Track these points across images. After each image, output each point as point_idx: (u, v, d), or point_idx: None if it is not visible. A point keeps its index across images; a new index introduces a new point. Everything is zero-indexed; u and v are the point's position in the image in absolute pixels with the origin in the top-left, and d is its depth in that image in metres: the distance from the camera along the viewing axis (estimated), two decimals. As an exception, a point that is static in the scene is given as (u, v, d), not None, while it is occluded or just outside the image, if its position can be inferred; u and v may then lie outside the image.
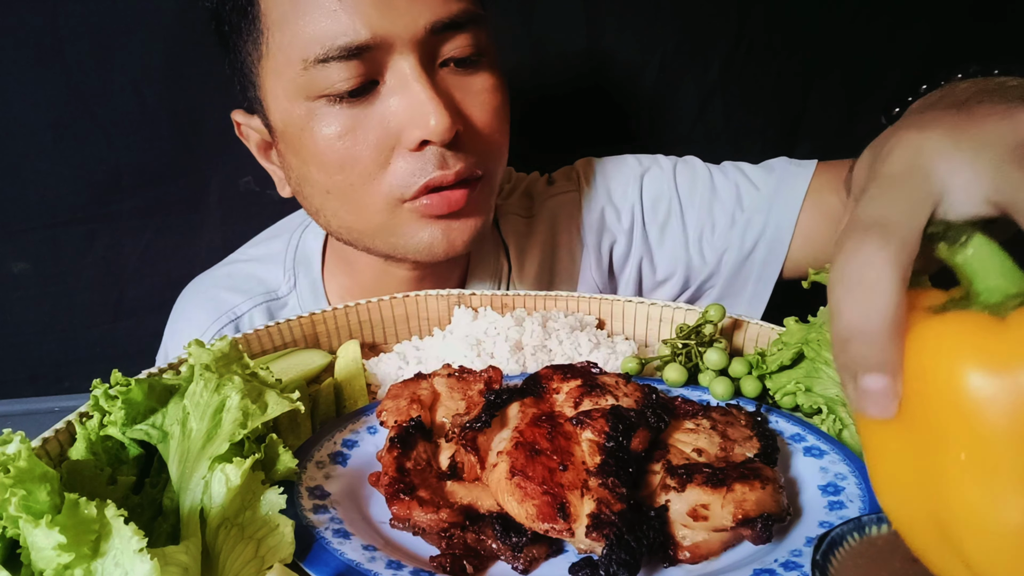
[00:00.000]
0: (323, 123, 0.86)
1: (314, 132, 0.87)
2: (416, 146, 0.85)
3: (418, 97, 0.83)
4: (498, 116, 0.92)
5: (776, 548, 0.57)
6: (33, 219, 1.33)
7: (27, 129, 1.27)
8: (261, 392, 0.60)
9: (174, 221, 1.39)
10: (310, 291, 1.13)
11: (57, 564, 0.45)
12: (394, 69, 0.84)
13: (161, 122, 1.32)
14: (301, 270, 1.14)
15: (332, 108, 0.85)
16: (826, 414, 0.74)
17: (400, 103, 0.84)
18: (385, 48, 0.82)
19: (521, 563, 0.56)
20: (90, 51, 1.25)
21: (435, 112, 0.82)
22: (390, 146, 0.86)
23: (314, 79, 0.84)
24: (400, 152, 0.86)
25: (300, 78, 0.84)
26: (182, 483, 0.56)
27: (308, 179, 0.92)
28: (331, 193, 0.91)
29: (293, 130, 0.89)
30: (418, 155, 0.86)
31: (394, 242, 0.93)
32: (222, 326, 1.11)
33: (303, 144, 0.89)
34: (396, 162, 0.87)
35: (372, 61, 0.83)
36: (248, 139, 1.02)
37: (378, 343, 0.95)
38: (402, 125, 0.85)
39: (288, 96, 0.87)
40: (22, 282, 1.37)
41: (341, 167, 0.87)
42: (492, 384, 0.71)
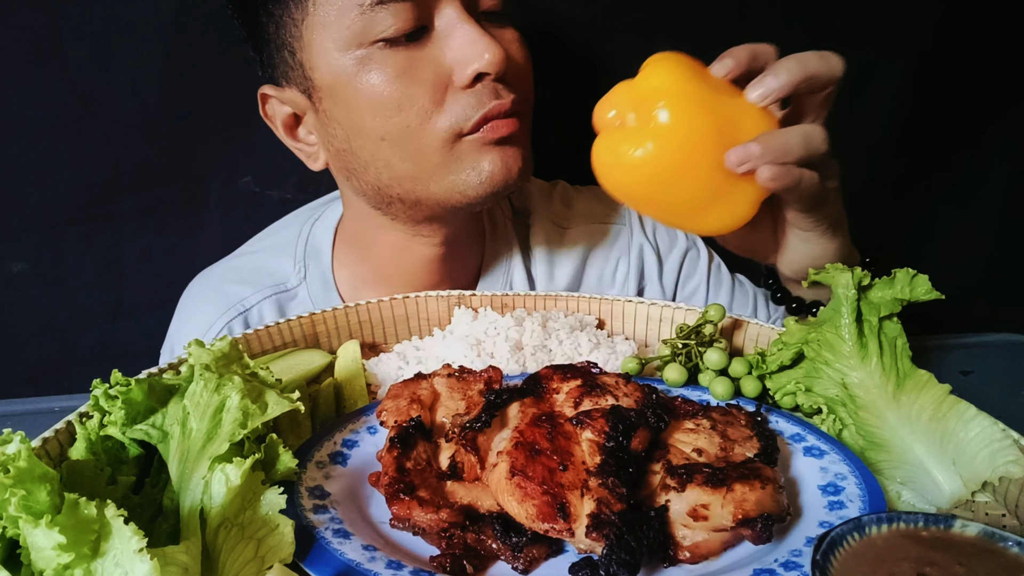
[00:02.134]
0: (379, 66, 0.89)
1: (369, 76, 0.90)
2: (470, 82, 0.89)
3: (470, 35, 0.89)
4: (528, 64, 0.98)
5: (776, 548, 0.57)
6: (33, 219, 1.33)
7: (27, 129, 1.27)
8: (261, 392, 0.60)
9: (174, 221, 1.39)
10: (320, 282, 1.13)
11: (57, 564, 0.45)
12: (443, 13, 0.90)
13: (161, 122, 1.32)
14: (311, 261, 1.14)
15: (386, 51, 0.89)
16: (826, 414, 0.74)
17: (454, 42, 0.90)
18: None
19: (521, 563, 0.56)
20: (90, 51, 1.25)
21: (489, 46, 0.88)
22: (444, 85, 0.90)
23: (371, 23, 0.88)
24: (453, 91, 0.90)
25: (356, 24, 0.88)
26: (182, 483, 0.56)
27: (360, 129, 0.93)
28: (386, 139, 0.93)
29: (345, 78, 0.91)
30: (472, 92, 0.90)
31: (453, 179, 0.94)
32: (231, 319, 1.10)
33: (357, 91, 0.91)
34: (451, 100, 0.90)
35: (424, 4, 0.88)
36: (274, 117, 1.02)
37: (378, 343, 0.95)
38: (457, 61, 0.90)
39: (339, 46, 0.90)
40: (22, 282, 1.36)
41: (399, 107, 0.90)
42: (492, 384, 0.71)
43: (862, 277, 0.74)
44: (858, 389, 0.71)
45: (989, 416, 0.66)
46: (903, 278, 0.74)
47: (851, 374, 0.72)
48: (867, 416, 0.70)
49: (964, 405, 0.67)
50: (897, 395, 0.70)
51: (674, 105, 0.72)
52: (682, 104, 0.73)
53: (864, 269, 0.83)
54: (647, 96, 0.74)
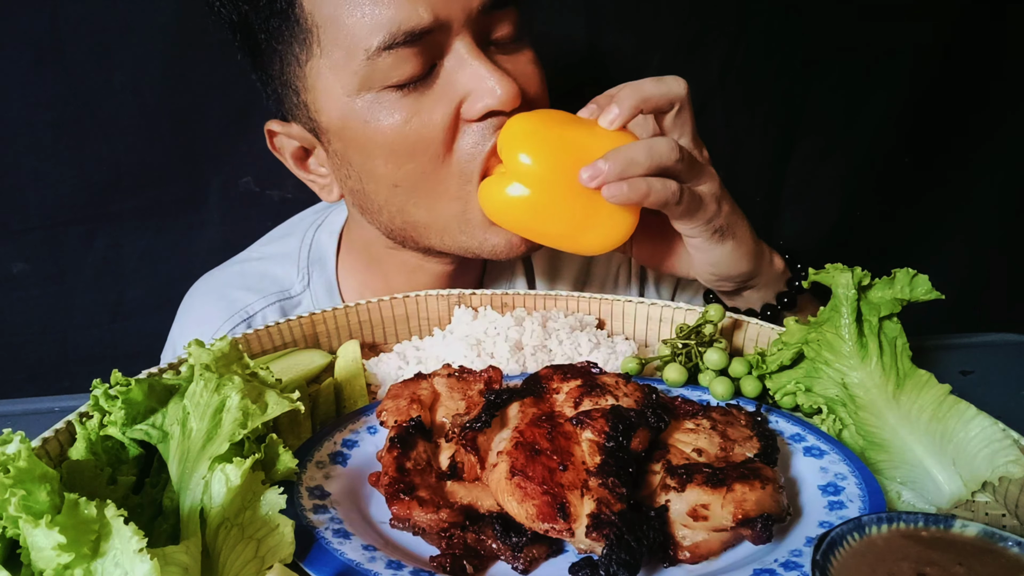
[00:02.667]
0: (389, 111, 0.86)
1: (380, 122, 0.87)
2: (479, 116, 0.87)
3: (479, 71, 0.85)
4: (544, 88, 0.95)
5: (776, 548, 0.57)
6: (33, 219, 1.33)
7: (27, 129, 1.27)
8: (261, 392, 0.60)
9: (174, 221, 1.39)
10: (325, 290, 1.13)
11: (57, 564, 0.45)
12: (452, 51, 0.86)
13: (161, 122, 1.32)
14: (315, 269, 1.13)
15: (396, 95, 0.86)
16: (826, 414, 0.74)
17: (463, 79, 0.86)
18: (444, 30, 0.84)
19: (521, 563, 0.56)
20: (90, 51, 1.25)
21: (500, 81, 0.85)
22: (455, 125, 0.88)
23: (378, 69, 0.84)
24: (462, 126, 0.88)
25: (363, 69, 0.85)
26: (182, 483, 0.56)
27: (373, 174, 0.91)
28: (400, 186, 0.90)
29: (355, 123, 0.88)
30: (478, 127, 0.87)
31: (464, 240, 0.93)
32: (235, 325, 1.10)
33: (368, 137, 0.88)
34: (460, 137, 0.88)
35: (432, 45, 0.85)
36: (283, 150, 1.00)
37: (378, 343, 0.95)
38: (469, 100, 0.86)
39: (348, 90, 0.87)
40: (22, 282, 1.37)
41: (412, 153, 0.88)
42: (492, 384, 0.71)
43: (862, 277, 0.74)
44: (858, 389, 0.71)
45: (989, 416, 0.66)
46: (903, 278, 0.74)
47: (851, 374, 0.72)
48: (867, 416, 0.70)
49: (964, 405, 0.67)
50: (897, 395, 0.70)
51: (530, 146, 0.83)
52: (537, 144, 0.83)
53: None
54: (509, 145, 0.84)
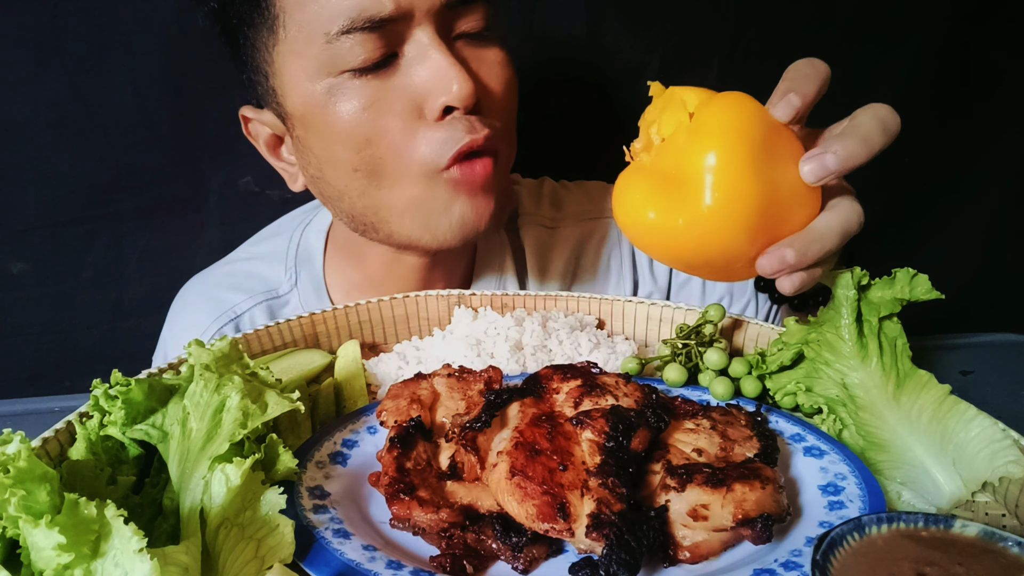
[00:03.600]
0: (347, 97, 0.86)
1: (338, 108, 0.87)
2: (440, 114, 0.86)
3: (439, 64, 0.84)
4: (510, 89, 0.93)
5: (776, 548, 0.57)
6: (33, 219, 1.33)
7: (27, 129, 1.27)
8: (261, 392, 0.60)
9: (174, 221, 1.39)
10: (312, 288, 1.13)
11: (57, 564, 0.45)
12: (413, 40, 0.85)
13: (161, 122, 1.32)
14: (303, 267, 1.14)
15: (355, 82, 0.86)
16: (826, 414, 0.74)
17: (422, 72, 0.85)
18: (405, 20, 0.84)
19: (521, 563, 0.56)
20: (90, 51, 1.25)
21: (457, 77, 0.84)
22: (415, 116, 0.87)
23: (337, 53, 0.84)
24: (426, 124, 0.87)
25: (323, 53, 0.85)
26: (182, 483, 0.56)
27: (333, 160, 0.91)
28: (359, 171, 0.90)
29: (315, 109, 0.89)
30: (445, 124, 0.87)
31: (425, 220, 0.92)
32: (222, 325, 1.10)
33: (327, 122, 0.89)
34: (424, 133, 0.87)
35: (392, 33, 0.84)
36: (257, 137, 1.01)
37: (378, 343, 0.95)
38: (425, 93, 0.86)
39: (309, 75, 0.87)
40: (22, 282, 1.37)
41: (368, 141, 0.88)
42: (492, 384, 0.71)
43: (861, 277, 0.74)
44: (858, 389, 0.71)
45: (989, 416, 0.66)
46: (903, 278, 0.74)
47: (851, 374, 0.72)
48: (867, 416, 0.70)
49: (964, 405, 0.67)
50: (897, 395, 0.70)
51: (724, 175, 0.62)
52: (732, 174, 0.62)
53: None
54: (697, 143, 0.63)
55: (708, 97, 0.66)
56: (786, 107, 0.65)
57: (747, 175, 0.62)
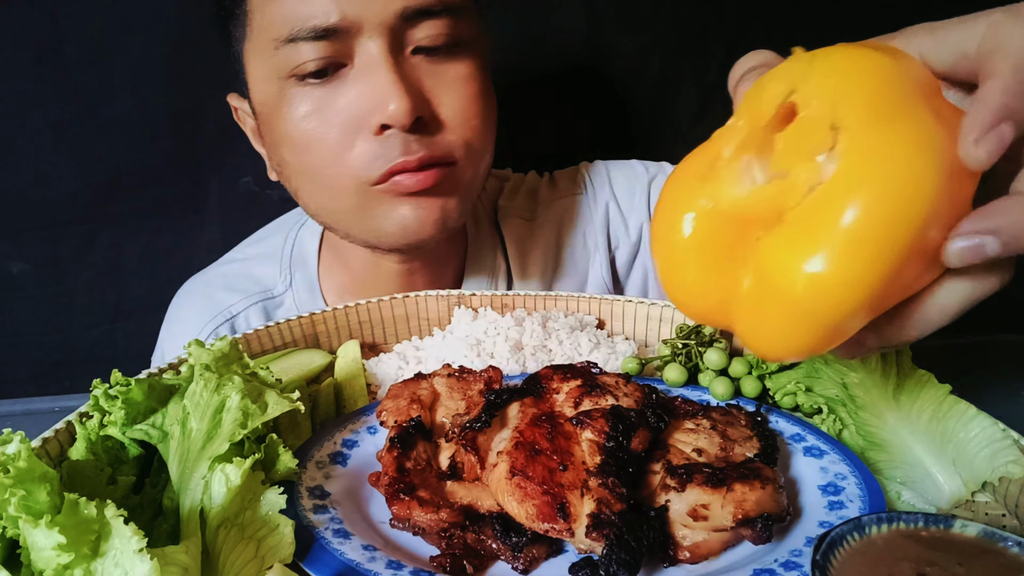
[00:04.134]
0: (292, 103, 0.88)
1: (283, 112, 0.89)
2: (378, 130, 0.85)
3: (380, 81, 0.84)
4: (473, 105, 0.91)
5: (776, 548, 0.57)
6: (33, 219, 1.33)
7: (27, 129, 1.27)
8: (261, 392, 0.60)
9: (174, 221, 1.39)
10: (306, 289, 1.13)
11: (57, 564, 0.45)
12: (362, 52, 0.85)
13: (161, 122, 1.32)
14: (297, 268, 1.14)
15: (301, 88, 0.87)
16: (826, 414, 0.74)
17: (364, 87, 0.85)
18: (354, 31, 0.84)
19: (521, 563, 0.56)
20: (90, 51, 1.25)
21: (395, 96, 0.83)
22: (354, 130, 0.87)
23: (285, 58, 0.85)
24: (364, 135, 0.87)
25: (275, 57, 0.86)
26: (182, 483, 0.56)
27: (283, 160, 0.93)
28: (302, 174, 0.92)
29: (268, 110, 0.91)
30: (381, 140, 0.86)
31: (368, 226, 0.93)
32: (218, 325, 1.11)
33: (275, 124, 0.91)
34: (361, 144, 0.87)
35: (341, 43, 0.84)
36: (244, 123, 1.03)
37: (378, 343, 0.95)
38: (366, 109, 0.85)
39: (265, 76, 0.89)
40: (22, 282, 1.37)
41: (308, 147, 0.89)
42: (492, 384, 0.71)
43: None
44: (858, 389, 0.71)
45: (989, 416, 0.66)
46: (903, 278, 0.74)
47: (851, 374, 0.72)
48: (867, 416, 0.70)
49: (964, 405, 0.67)
50: (897, 395, 0.70)
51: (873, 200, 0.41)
52: (887, 198, 0.41)
53: None
54: (822, 139, 0.43)
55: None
56: (981, 152, 0.43)
57: (903, 183, 0.41)
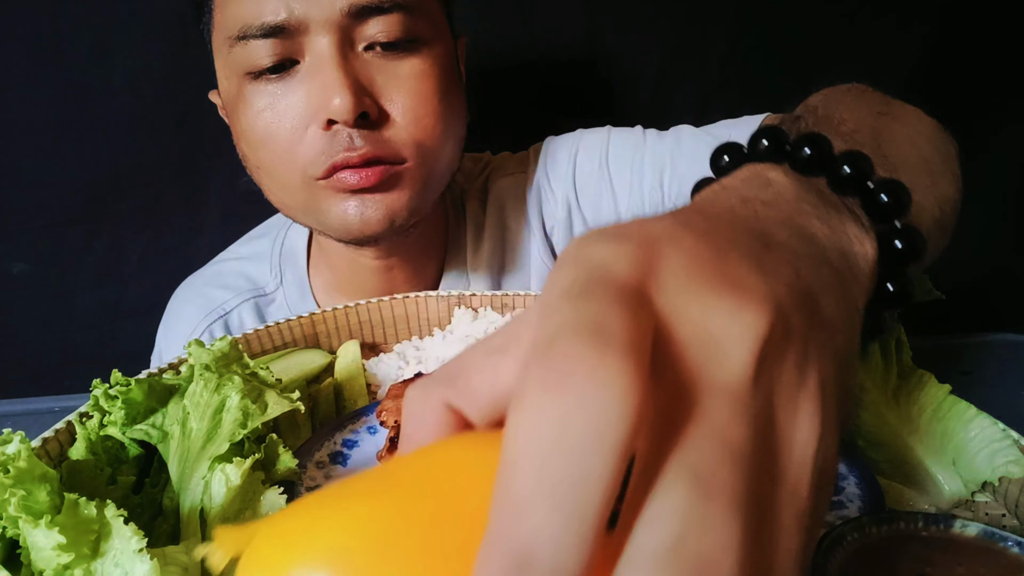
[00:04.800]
0: (249, 100, 0.89)
1: (241, 109, 0.90)
2: (325, 125, 0.86)
3: (326, 77, 0.84)
4: (427, 102, 0.90)
5: (776, 548, 0.57)
6: (33, 219, 1.33)
7: (27, 129, 1.27)
8: (261, 392, 0.60)
9: (174, 221, 1.39)
10: (296, 287, 1.14)
11: (57, 564, 0.45)
12: (311, 49, 0.85)
13: (161, 122, 1.32)
14: (287, 267, 1.15)
15: (255, 85, 0.88)
16: (826, 414, 0.74)
17: (313, 83, 0.86)
18: (303, 28, 0.84)
19: (521, 563, 0.56)
20: (90, 51, 1.25)
21: (339, 92, 0.83)
22: (304, 124, 0.88)
23: (238, 56, 0.87)
24: (312, 131, 0.88)
25: (230, 55, 0.88)
26: (182, 483, 0.56)
27: (244, 155, 0.96)
28: (261, 169, 0.94)
29: (230, 107, 0.93)
30: (328, 135, 0.87)
31: (317, 218, 0.94)
32: (211, 322, 1.12)
33: (236, 121, 0.92)
34: (307, 142, 0.88)
35: (291, 40, 0.85)
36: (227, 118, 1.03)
37: (378, 343, 0.95)
38: (314, 105, 0.87)
39: (225, 74, 0.91)
40: (22, 282, 1.37)
41: (263, 143, 0.90)
42: (492, 384, 0.71)
43: (862, 277, 0.74)
44: (857, 389, 0.71)
45: (989, 416, 0.66)
46: (903, 278, 0.74)
47: (851, 374, 0.72)
48: (867, 416, 0.70)
49: (964, 405, 0.67)
50: (897, 395, 0.70)
51: None
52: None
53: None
54: None
55: None
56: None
57: None
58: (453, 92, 0.95)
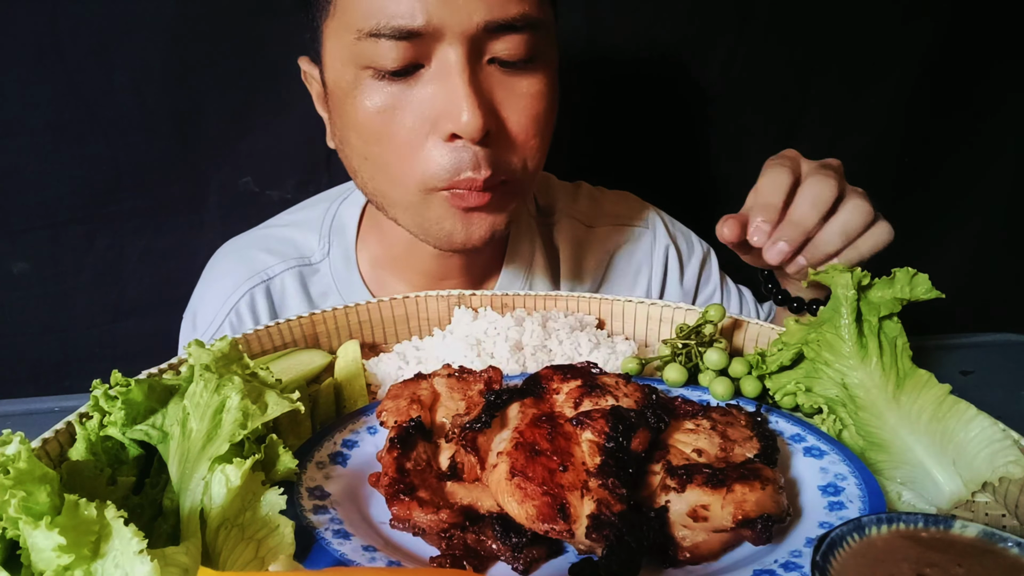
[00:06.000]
0: (366, 95, 0.88)
1: (356, 101, 0.89)
2: (448, 137, 0.86)
3: (456, 90, 0.84)
4: (538, 122, 0.92)
5: (776, 549, 0.57)
6: (33, 219, 1.33)
7: (27, 129, 1.27)
8: (261, 392, 0.60)
9: (174, 221, 1.39)
10: (343, 259, 1.15)
11: (57, 565, 0.45)
12: (440, 57, 0.85)
13: (161, 122, 1.32)
14: (336, 238, 1.16)
15: (376, 82, 0.87)
16: (826, 414, 0.74)
17: (438, 91, 0.86)
18: (436, 36, 0.83)
19: (521, 563, 0.56)
20: (90, 51, 1.25)
21: (468, 108, 0.83)
22: (425, 132, 0.87)
23: (364, 50, 0.85)
24: (434, 140, 0.87)
25: (353, 46, 0.86)
26: (182, 484, 0.56)
27: (348, 142, 0.94)
28: (368, 160, 0.93)
29: (340, 94, 0.91)
30: (451, 148, 0.87)
31: (419, 222, 0.94)
32: (253, 286, 1.12)
33: (346, 110, 0.91)
34: (430, 150, 0.88)
35: (421, 45, 0.84)
36: (310, 86, 1.03)
37: (378, 343, 0.95)
38: (437, 113, 0.86)
39: (341, 60, 0.89)
40: (22, 282, 1.37)
41: (378, 140, 0.90)
42: (492, 384, 0.71)
43: (861, 277, 0.74)
44: (858, 389, 0.71)
45: (989, 416, 0.66)
46: (903, 277, 0.74)
47: (851, 374, 0.72)
48: (867, 416, 0.70)
49: (964, 405, 0.67)
50: (897, 395, 0.70)
51: None
52: None
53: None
54: None
55: None
56: (775, 253, 0.86)
57: None
58: (556, 101, 0.97)
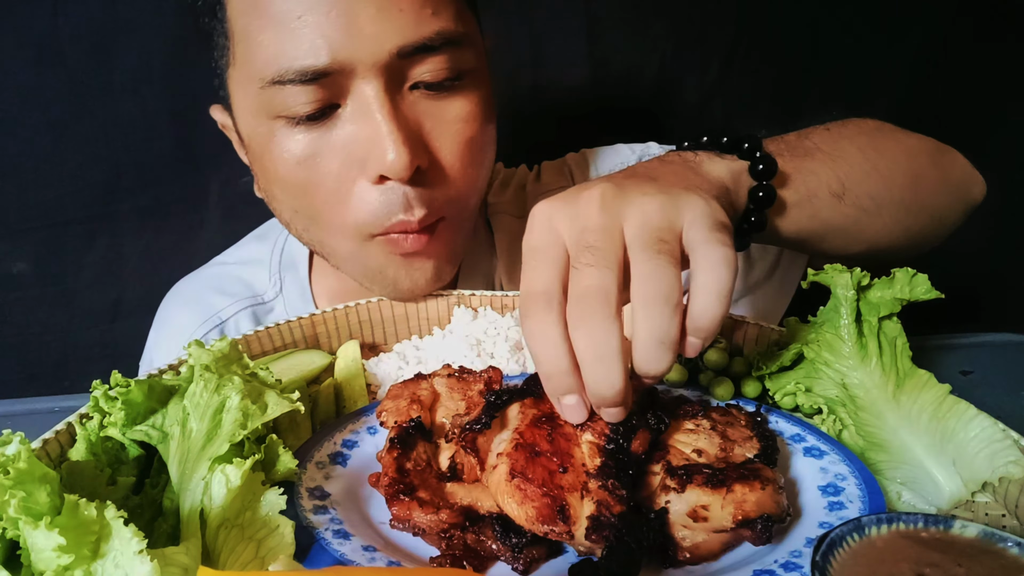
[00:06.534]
0: (283, 146, 0.81)
1: (274, 154, 0.82)
2: (376, 179, 0.80)
3: (377, 127, 0.77)
4: (472, 147, 0.85)
5: (776, 549, 0.57)
6: (33, 219, 1.33)
7: (27, 129, 1.27)
8: (261, 393, 0.60)
9: (174, 221, 1.40)
10: (298, 295, 1.11)
11: (57, 565, 0.45)
12: (356, 93, 0.78)
13: (161, 122, 1.32)
14: (287, 274, 1.12)
15: (291, 130, 0.80)
16: (826, 414, 0.74)
17: (359, 131, 0.79)
18: (346, 72, 0.76)
19: (521, 564, 0.56)
20: (90, 51, 1.25)
21: (393, 145, 0.76)
22: (352, 176, 0.81)
23: (272, 99, 0.78)
24: (362, 183, 0.81)
25: (260, 95, 0.79)
26: (182, 484, 0.56)
27: (274, 195, 0.89)
28: (299, 212, 0.87)
29: (256, 147, 0.85)
30: (381, 190, 0.81)
31: (362, 271, 0.90)
32: (208, 330, 1.09)
33: (265, 163, 0.85)
34: (359, 194, 0.82)
35: (332, 84, 0.77)
36: (229, 134, 0.96)
37: (378, 343, 0.95)
38: (362, 155, 0.80)
39: (251, 111, 0.82)
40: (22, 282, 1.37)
41: (304, 191, 0.83)
42: (492, 384, 0.71)
43: (861, 277, 0.74)
44: (858, 389, 0.71)
45: (989, 416, 0.66)
46: (902, 278, 0.74)
47: (851, 374, 0.72)
48: (867, 416, 0.70)
49: (964, 405, 0.67)
50: (897, 395, 0.70)
51: None
52: None
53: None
54: None
55: None
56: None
57: None
58: (491, 121, 0.90)
